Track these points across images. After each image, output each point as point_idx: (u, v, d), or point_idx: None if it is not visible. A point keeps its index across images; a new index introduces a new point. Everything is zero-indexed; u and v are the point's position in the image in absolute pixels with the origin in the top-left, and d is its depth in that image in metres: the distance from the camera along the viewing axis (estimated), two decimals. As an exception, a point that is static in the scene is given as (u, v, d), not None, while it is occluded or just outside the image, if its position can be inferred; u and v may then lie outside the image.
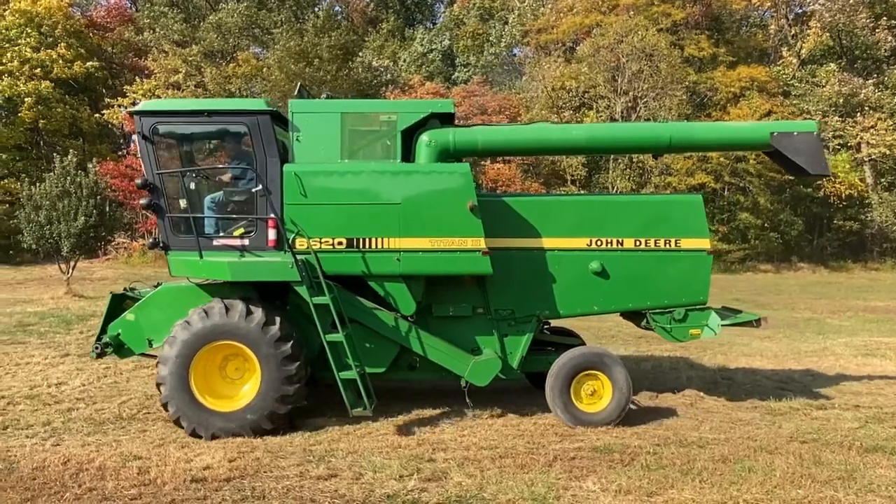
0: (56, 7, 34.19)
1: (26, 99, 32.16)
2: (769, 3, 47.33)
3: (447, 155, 7.87)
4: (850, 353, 13.12)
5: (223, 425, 7.21)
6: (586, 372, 7.76)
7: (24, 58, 32.46)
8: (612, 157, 37.87)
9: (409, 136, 7.84)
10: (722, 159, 37.81)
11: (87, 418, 7.88)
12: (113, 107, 36.47)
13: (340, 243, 7.49)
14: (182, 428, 7.29)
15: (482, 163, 36.43)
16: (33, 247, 28.88)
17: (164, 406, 7.31)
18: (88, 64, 34.47)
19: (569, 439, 7.28)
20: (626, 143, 8.80)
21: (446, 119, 8.09)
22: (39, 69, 32.71)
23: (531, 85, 42.37)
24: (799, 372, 11.22)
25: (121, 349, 8.01)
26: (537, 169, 38.42)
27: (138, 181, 7.87)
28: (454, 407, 8.44)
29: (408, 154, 7.84)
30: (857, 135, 42.72)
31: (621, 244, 7.96)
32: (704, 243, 8.04)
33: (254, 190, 7.58)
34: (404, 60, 48.08)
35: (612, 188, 37.86)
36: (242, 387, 7.44)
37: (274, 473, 6.18)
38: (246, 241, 7.57)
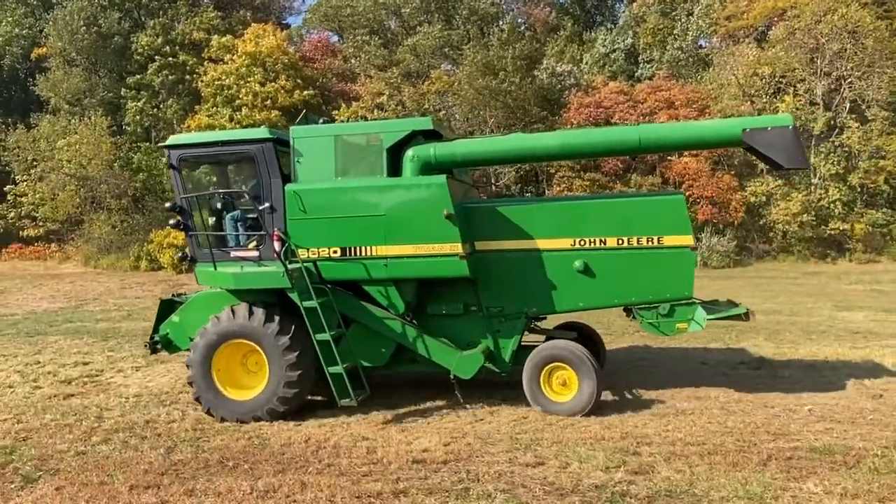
0: (275, 46, 37.69)
1: (261, 125, 35.85)
2: None
3: (430, 168, 7.87)
4: None
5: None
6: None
7: (254, 92, 36.03)
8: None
9: (396, 153, 7.90)
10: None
11: (321, 403, 8.48)
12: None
13: (335, 252, 7.79)
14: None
15: (669, 158, 34.75)
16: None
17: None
18: (305, 93, 37.44)
19: (783, 438, 6.73)
20: (596, 146, 8.49)
21: (430, 135, 8.05)
22: (269, 101, 36.16)
23: (720, 75, 39.62)
24: None
25: (170, 346, 8.82)
26: (729, 160, 35.88)
27: (167, 205, 8.61)
28: (658, 400, 8.17)
29: (396, 169, 7.89)
30: None
31: (604, 243, 7.75)
32: (687, 240, 7.70)
33: (260, 208, 7.95)
34: (586, 63, 47.10)
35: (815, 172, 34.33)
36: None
37: (485, 458, 6.33)
38: (257, 253, 8.02)
